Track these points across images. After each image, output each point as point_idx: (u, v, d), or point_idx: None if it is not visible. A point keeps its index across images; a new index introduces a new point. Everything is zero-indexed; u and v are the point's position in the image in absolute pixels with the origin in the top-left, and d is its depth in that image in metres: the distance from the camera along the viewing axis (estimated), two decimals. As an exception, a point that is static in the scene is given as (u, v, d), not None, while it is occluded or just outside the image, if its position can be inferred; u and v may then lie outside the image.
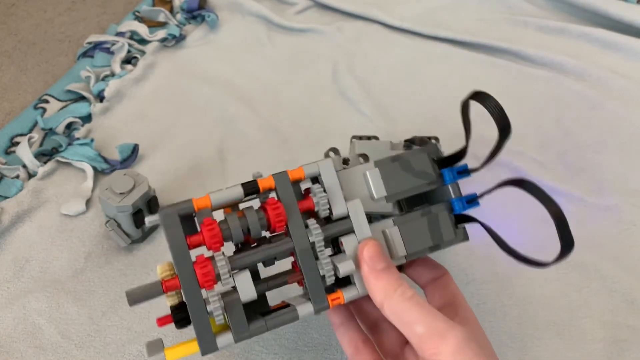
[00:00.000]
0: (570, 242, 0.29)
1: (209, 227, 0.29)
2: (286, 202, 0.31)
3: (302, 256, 0.31)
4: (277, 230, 0.31)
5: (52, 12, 0.71)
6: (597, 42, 0.66)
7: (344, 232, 0.32)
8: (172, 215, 0.29)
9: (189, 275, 0.29)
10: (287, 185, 0.31)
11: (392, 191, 0.33)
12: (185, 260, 0.29)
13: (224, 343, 0.29)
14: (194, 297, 0.29)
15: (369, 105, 0.59)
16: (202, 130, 0.56)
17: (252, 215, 0.31)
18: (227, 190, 0.31)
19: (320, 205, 0.31)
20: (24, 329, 0.41)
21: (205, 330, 0.29)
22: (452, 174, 0.34)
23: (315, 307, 0.30)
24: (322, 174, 0.32)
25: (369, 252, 0.30)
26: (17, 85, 0.61)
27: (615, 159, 0.54)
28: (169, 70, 0.63)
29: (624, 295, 0.44)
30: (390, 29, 0.70)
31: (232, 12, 0.71)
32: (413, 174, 0.34)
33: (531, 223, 0.48)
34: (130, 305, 0.29)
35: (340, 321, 0.34)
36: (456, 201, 0.34)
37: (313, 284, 0.31)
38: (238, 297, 0.30)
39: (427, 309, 0.28)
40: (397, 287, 0.29)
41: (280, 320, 0.30)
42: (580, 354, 0.40)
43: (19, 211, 0.47)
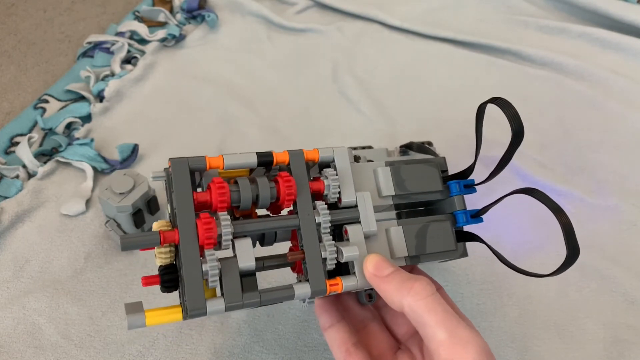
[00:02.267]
0: (576, 251, 0.29)
1: (220, 185, 0.28)
2: (298, 179, 0.30)
3: (306, 234, 0.30)
4: (284, 205, 0.30)
5: (52, 12, 0.71)
6: (597, 42, 0.66)
7: (350, 221, 0.32)
8: (183, 164, 0.28)
9: (190, 230, 0.27)
10: (302, 162, 0.31)
11: (400, 191, 0.33)
12: (188, 212, 0.28)
13: (214, 308, 0.27)
14: (191, 252, 0.27)
15: (369, 105, 0.59)
16: (202, 130, 0.56)
17: (264, 182, 0.30)
18: (241, 155, 0.30)
19: (331, 189, 0.31)
20: (23, 329, 0.41)
21: (197, 290, 0.27)
22: (459, 186, 0.34)
23: (313, 289, 0.30)
24: (336, 160, 0.32)
25: (373, 262, 0.30)
26: (17, 85, 0.61)
27: (615, 159, 0.54)
28: (168, 70, 0.63)
29: (624, 295, 0.44)
30: (391, 29, 0.70)
31: (232, 12, 0.71)
32: (421, 181, 0.34)
33: (529, 222, 0.48)
34: (122, 250, 0.27)
35: (330, 323, 0.34)
36: (460, 213, 0.34)
37: (313, 265, 0.30)
38: (236, 263, 0.28)
39: (450, 313, 0.27)
40: (412, 285, 0.28)
41: (275, 296, 0.29)
42: (580, 354, 0.40)
43: (18, 211, 0.47)
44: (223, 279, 0.28)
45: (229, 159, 0.30)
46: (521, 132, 0.31)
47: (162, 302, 0.43)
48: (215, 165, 0.29)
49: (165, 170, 0.29)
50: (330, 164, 0.33)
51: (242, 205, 0.29)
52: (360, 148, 0.46)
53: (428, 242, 0.33)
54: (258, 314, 0.42)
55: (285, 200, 0.30)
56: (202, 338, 0.40)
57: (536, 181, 0.51)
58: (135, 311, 0.27)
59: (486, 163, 0.36)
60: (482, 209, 0.34)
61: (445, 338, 0.26)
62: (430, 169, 0.35)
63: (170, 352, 0.40)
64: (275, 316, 0.42)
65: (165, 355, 0.39)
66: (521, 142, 0.31)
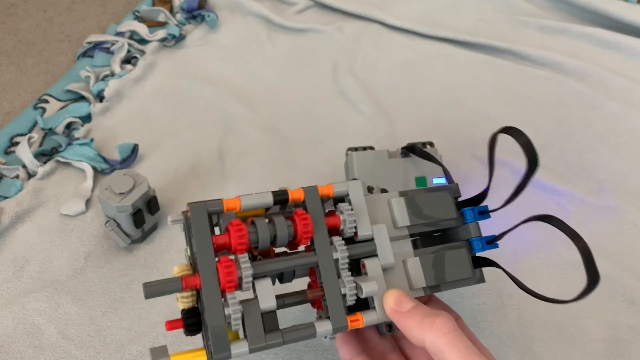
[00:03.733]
0: (596, 277, 0.29)
1: (238, 228, 0.29)
2: (314, 215, 0.31)
3: (324, 271, 0.30)
4: (301, 242, 0.31)
5: (52, 11, 0.70)
6: (597, 42, 0.66)
7: (367, 255, 0.32)
8: (202, 209, 0.29)
9: (211, 274, 0.28)
10: (317, 198, 0.31)
11: (415, 222, 0.33)
12: (209, 257, 0.28)
13: (238, 350, 0.28)
14: (213, 297, 0.28)
15: (369, 105, 0.59)
16: (202, 130, 0.56)
17: (281, 222, 0.30)
18: (257, 195, 0.30)
19: (347, 224, 0.31)
20: (23, 329, 0.41)
21: (221, 334, 0.28)
22: (474, 213, 0.34)
23: (334, 326, 0.30)
24: (350, 193, 0.32)
25: (393, 297, 0.30)
26: (16, 85, 0.61)
27: (615, 159, 0.54)
28: (168, 70, 0.63)
29: (624, 296, 0.44)
30: (391, 29, 0.70)
31: (232, 11, 0.71)
32: (436, 209, 0.34)
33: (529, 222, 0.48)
34: (146, 298, 0.27)
35: (350, 356, 0.33)
36: (476, 240, 0.34)
37: (333, 302, 0.30)
38: (257, 304, 0.29)
39: (471, 350, 0.27)
40: (433, 321, 0.28)
41: (298, 335, 0.29)
42: (580, 354, 0.40)
43: (18, 211, 0.47)
44: (245, 321, 0.28)
45: (245, 200, 0.30)
46: (536, 161, 0.31)
47: (163, 304, 0.43)
48: (232, 207, 0.30)
49: (184, 214, 0.30)
50: (345, 198, 0.33)
51: (260, 245, 0.30)
52: (362, 149, 0.46)
53: (445, 271, 0.33)
54: (258, 314, 0.42)
55: (302, 238, 0.30)
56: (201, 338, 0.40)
57: (536, 181, 0.51)
58: (161, 356, 0.27)
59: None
60: (498, 235, 0.34)
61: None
62: (444, 197, 0.35)
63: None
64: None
65: (165, 356, 0.39)
66: (536, 170, 0.31)
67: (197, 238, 0.28)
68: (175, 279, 0.28)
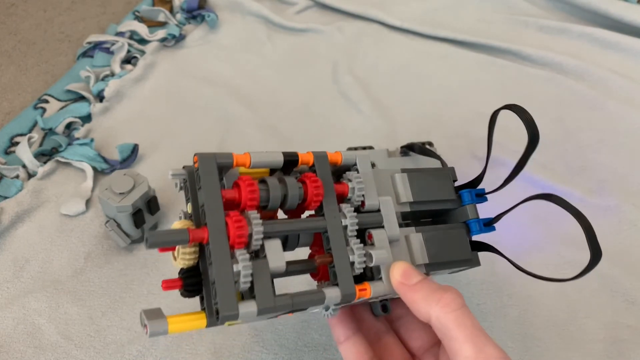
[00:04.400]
0: (598, 253, 0.29)
1: (249, 182, 0.27)
2: (323, 180, 0.30)
3: (333, 237, 0.29)
4: (310, 206, 0.30)
5: (52, 11, 0.70)
6: (597, 42, 0.66)
7: (373, 225, 0.31)
8: (211, 160, 0.27)
9: (220, 228, 0.26)
10: (326, 164, 0.31)
11: (418, 198, 0.33)
12: (218, 210, 0.26)
13: (246, 310, 0.25)
14: (222, 252, 0.26)
15: (369, 105, 0.59)
16: (202, 130, 0.56)
17: (292, 182, 0.29)
18: (267, 153, 0.29)
19: (356, 191, 0.30)
20: (23, 329, 0.41)
21: (229, 291, 0.25)
22: (471, 195, 0.34)
23: (343, 292, 0.28)
24: (358, 164, 0.32)
25: (400, 269, 0.29)
26: (16, 85, 0.61)
27: (615, 159, 0.54)
28: (168, 70, 0.63)
29: (624, 296, 0.44)
30: (391, 29, 0.70)
31: (232, 11, 0.71)
32: (436, 188, 0.34)
33: (529, 222, 0.48)
34: (149, 248, 0.25)
35: (346, 336, 0.33)
36: (474, 222, 0.34)
37: (342, 268, 0.29)
38: (266, 264, 0.27)
39: (478, 329, 0.26)
40: (441, 296, 0.27)
41: (307, 299, 0.28)
42: (580, 354, 0.40)
43: (18, 211, 0.47)
44: (255, 279, 0.26)
45: (255, 157, 0.29)
46: (537, 138, 0.31)
47: (163, 303, 0.43)
48: (242, 162, 0.28)
49: (186, 168, 0.29)
50: (352, 167, 0.32)
51: (270, 204, 0.28)
52: (361, 148, 0.46)
53: (446, 249, 0.33)
54: (258, 314, 0.42)
55: (312, 201, 0.29)
56: (202, 338, 0.40)
57: (536, 181, 0.51)
58: (157, 317, 0.25)
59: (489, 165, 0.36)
60: (496, 217, 0.34)
61: (471, 355, 0.26)
62: (443, 177, 0.35)
63: (170, 352, 0.40)
64: (275, 316, 0.42)
65: (165, 355, 0.39)
66: (536, 147, 0.31)
67: (206, 189, 0.27)
68: (181, 230, 0.25)
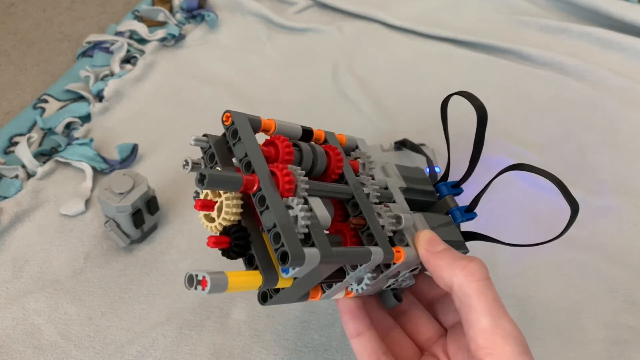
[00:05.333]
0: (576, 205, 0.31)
1: (283, 139, 0.28)
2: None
3: (362, 201, 0.30)
4: (331, 176, 0.30)
5: (52, 11, 0.70)
6: (598, 41, 0.66)
7: (386, 199, 0.32)
8: (244, 118, 0.28)
9: (268, 177, 0.26)
10: (336, 140, 0.32)
11: (409, 185, 0.34)
12: (262, 160, 0.26)
13: (311, 256, 0.24)
14: (276, 198, 0.25)
15: (369, 105, 0.59)
16: (202, 130, 0.56)
17: (320, 149, 0.30)
18: (289, 123, 0.30)
19: (367, 165, 0.32)
20: (23, 329, 0.40)
21: (292, 234, 0.24)
22: (447, 187, 0.36)
23: (384, 252, 0.28)
24: (360, 146, 0.34)
25: (426, 237, 0.29)
26: (16, 85, 0.61)
27: (615, 159, 0.54)
28: (168, 70, 0.63)
29: (624, 296, 0.44)
30: (391, 28, 0.70)
31: (232, 11, 0.71)
32: (419, 180, 0.36)
33: (529, 222, 0.48)
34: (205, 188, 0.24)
35: (358, 331, 0.33)
36: (455, 210, 0.35)
37: (377, 229, 0.29)
38: (315, 216, 0.26)
39: (498, 302, 0.26)
40: (466, 264, 0.27)
41: (356, 255, 0.27)
42: (580, 354, 0.40)
43: (18, 211, 0.47)
44: (311, 228, 0.26)
45: (280, 124, 0.30)
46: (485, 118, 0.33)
47: (163, 304, 0.43)
48: (268, 126, 0.29)
49: (208, 136, 0.29)
50: (355, 149, 0.34)
51: (303, 165, 0.29)
52: None
53: (444, 231, 0.33)
54: (258, 314, 0.42)
55: (335, 169, 0.30)
56: (201, 338, 0.40)
57: (536, 181, 0.50)
58: (216, 272, 0.24)
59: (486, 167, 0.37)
60: (473, 200, 0.35)
61: (488, 327, 0.26)
62: (421, 172, 0.37)
63: (170, 352, 0.40)
64: (275, 316, 0.42)
65: (164, 356, 0.39)
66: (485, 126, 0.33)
67: (246, 141, 0.27)
68: (235, 174, 0.25)
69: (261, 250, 0.27)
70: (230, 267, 0.26)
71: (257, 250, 0.26)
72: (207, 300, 0.42)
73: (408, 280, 0.33)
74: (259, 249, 0.27)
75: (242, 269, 0.27)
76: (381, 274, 0.30)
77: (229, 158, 0.29)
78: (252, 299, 0.42)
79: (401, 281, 0.33)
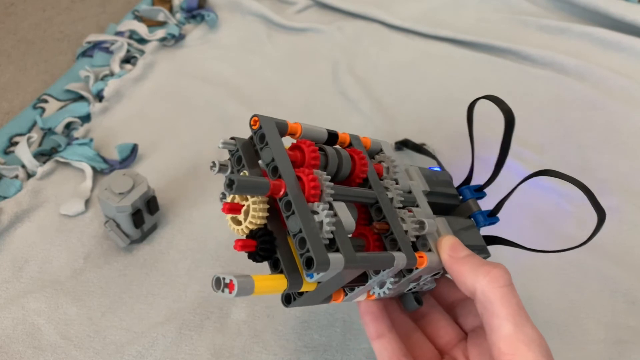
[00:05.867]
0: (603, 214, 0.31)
1: (309, 144, 0.28)
2: None
3: (385, 206, 0.30)
4: (356, 180, 0.30)
5: (51, 11, 0.70)
6: (598, 41, 0.66)
7: (409, 204, 0.32)
8: (271, 122, 0.28)
9: (294, 182, 0.26)
10: (361, 144, 0.32)
11: (432, 189, 0.34)
12: (288, 166, 0.26)
13: (336, 261, 0.25)
14: (302, 202, 0.25)
15: (369, 105, 0.59)
16: (202, 130, 0.56)
17: (345, 153, 0.30)
18: (314, 126, 0.30)
19: (392, 168, 0.32)
20: (23, 329, 0.40)
21: (317, 240, 0.25)
22: (470, 191, 0.36)
23: (407, 255, 0.28)
24: (384, 150, 0.33)
25: (448, 243, 0.29)
26: (16, 85, 0.61)
27: (616, 159, 0.54)
28: (168, 70, 0.63)
29: (625, 296, 0.44)
30: (391, 28, 0.70)
31: (231, 11, 0.71)
32: (443, 183, 0.35)
33: (529, 222, 0.48)
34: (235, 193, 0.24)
35: (379, 332, 0.33)
36: (478, 214, 0.35)
37: (400, 234, 0.29)
38: (340, 221, 0.27)
39: (522, 308, 0.26)
40: (490, 270, 0.27)
41: (379, 259, 0.27)
42: (581, 354, 0.40)
43: (17, 211, 0.47)
44: (336, 233, 0.26)
45: (306, 128, 0.30)
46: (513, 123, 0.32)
47: (163, 304, 0.42)
48: (294, 130, 0.29)
49: (236, 139, 0.29)
50: (379, 152, 0.34)
51: (328, 170, 0.29)
52: None
53: (468, 236, 0.33)
54: (258, 314, 0.42)
55: (359, 173, 0.30)
56: (201, 338, 0.40)
57: (536, 181, 0.50)
58: (243, 276, 0.24)
59: (486, 169, 0.37)
60: (497, 204, 0.34)
61: (511, 333, 0.26)
62: (445, 175, 0.36)
63: (170, 352, 0.39)
64: (275, 316, 0.42)
65: (164, 356, 0.39)
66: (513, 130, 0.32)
67: (274, 145, 0.27)
68: (262, 179, 0.25)
69: (286, 254, 0.27)
70: (235, 268, 0.26)
71: (283, 254, 0.27)
72: (207, 300, 0.42)
73: (429, 284, 0.33)
74: (284, 252, 0.27)
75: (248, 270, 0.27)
76: (403, 278, 0.30)
77: (255, 161, 0.29)
78: (252, 299, 0.42)
79: (422, 285, 0.33)
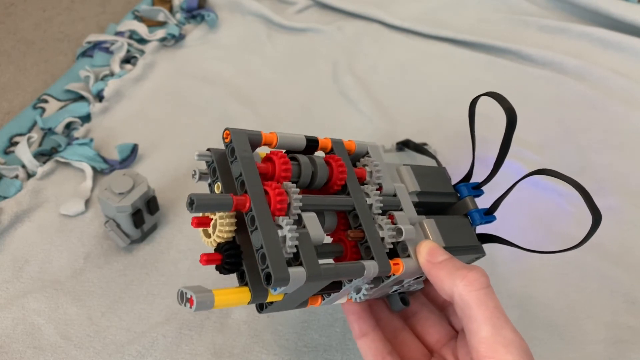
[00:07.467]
0: (599, 215, 0.31)
1: (282, 156, 0.28)
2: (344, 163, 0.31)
3: (362, 213, 0.29)
4: (334, 187, 0.30)
5: (51, 11, 0.70)
6: (598, 41, 0.66)
7: (393, 208, 0.32)
8: (243, 135, 0.28)
9: (261, 197, 0.26)
10: (344, 149, 0.32)
11: (424, 189, 0.34)
12: (256, 179, 0.26)
13: (296, 276, 0.25)
14: (266, 218, 0.25)
15: (369, 105, 0.59)
16: (202, 130, 0.56)
17: (321, 161, 0.30)
18: (292, 135, 0.30)
19: (375, 173, 0.31)
20: (23, 329, 0.40)
21: (278, 255, 0.25)
22: (468, 188, 0.35)
23: (379, 264, 0.28)
24: (370, 153, 0.33)
25: (427, 247, 0.29)
26: (16, 85, 0.61)
27: (615, 159, 0.54)
28: (168, 70, 0.63)
29: (624, 296, 0.44)
30: (391, 28, 0.70)
31: (231, 11, 0.71)
32: (437, 182, 0.35)
33: (529, 222, 0.48)
34: (194, 212, 0.24)
35: (364, 331, 0.33)
36: (474, 212, 0.35)
37: (375, 242, 0.29)
38: (307, 234, 0.27)
39: (499, 310, 0.26)
40: (466, 274, 0.27)
41: (348, 269, 0.27)
42: (581, 354, 0.40)
43: (18, 211, 0.47)
44: (300, 247, 0.26)
45: (282, 138, 0.29)
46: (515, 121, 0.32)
47: (163, 304, 0.42)
48: (269, 140, 0.29)
49: (211, 150, 0.29)
50: (365, 155, 0.33)
51: (301, 180, 0.29)
52: None
53: (457, 235, 0.33)
54: (258, 314, 0.42)
55: (337, 181, 0.30)
56: (201, 338, 0.40)
57: (536, 181, 0.51)
58: (202, 291, 0.24)
59: (485, 168, 0.37)
60: (494, 203, 0.34)
61: (489, 335, 0.26)
62: (440, 173, 0.36)
63: (170, 352, 0.39)
64: (275, 316, 0.42)
65: (164, 356, 0.39)
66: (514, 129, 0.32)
67: (242, 159, 0.27)
68: (225, 196, 0.25)
69: (253, 267, 0.27)
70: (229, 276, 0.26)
71: (248, 267, 0.27)
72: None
73: (415, 285, 0.33)
74: (250, 265, 0.27)
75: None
76: (381, 283, 0.30)
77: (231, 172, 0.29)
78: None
79: (407, 287, 0.33)
